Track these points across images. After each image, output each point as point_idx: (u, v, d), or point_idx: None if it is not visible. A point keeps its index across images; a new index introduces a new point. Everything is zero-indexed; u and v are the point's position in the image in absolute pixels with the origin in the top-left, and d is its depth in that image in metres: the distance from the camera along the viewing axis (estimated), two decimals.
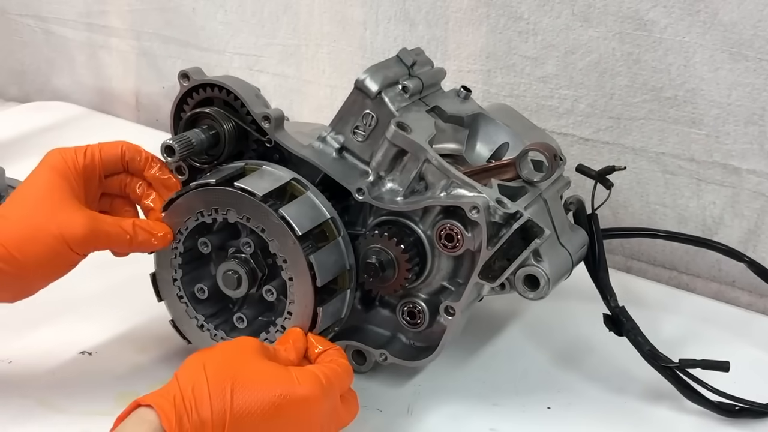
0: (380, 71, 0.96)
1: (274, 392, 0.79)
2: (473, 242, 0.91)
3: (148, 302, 1.02)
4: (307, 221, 0.92)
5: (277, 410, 0.78)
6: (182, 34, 1.70)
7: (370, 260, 0.94)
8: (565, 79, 1.29)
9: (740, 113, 1.17)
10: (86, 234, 0.91)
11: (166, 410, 0.74)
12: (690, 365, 0.95)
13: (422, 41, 1.38)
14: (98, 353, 1.05)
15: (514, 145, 1.02)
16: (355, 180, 0.95)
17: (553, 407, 1.00)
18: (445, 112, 1.01)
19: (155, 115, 1.80)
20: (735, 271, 1.25)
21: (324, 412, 0.82)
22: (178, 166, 1.00)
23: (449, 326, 0.95)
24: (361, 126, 0.96)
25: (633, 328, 0.98)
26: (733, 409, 0.97)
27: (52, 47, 1.91)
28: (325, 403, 0.82)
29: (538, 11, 1.28)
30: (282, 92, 1.60)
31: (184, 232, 0.95)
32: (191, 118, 0.99)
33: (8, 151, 1.56)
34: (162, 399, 0.75)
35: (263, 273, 0.96)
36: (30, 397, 0.97)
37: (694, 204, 1.25)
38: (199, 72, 0.98)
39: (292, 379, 0.81)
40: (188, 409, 0.75)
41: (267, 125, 0.96)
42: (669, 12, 1.18)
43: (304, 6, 1.53)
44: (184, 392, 0.76)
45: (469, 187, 0.91)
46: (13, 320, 1.04)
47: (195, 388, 0.76)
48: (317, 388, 0.81)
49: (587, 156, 1.28)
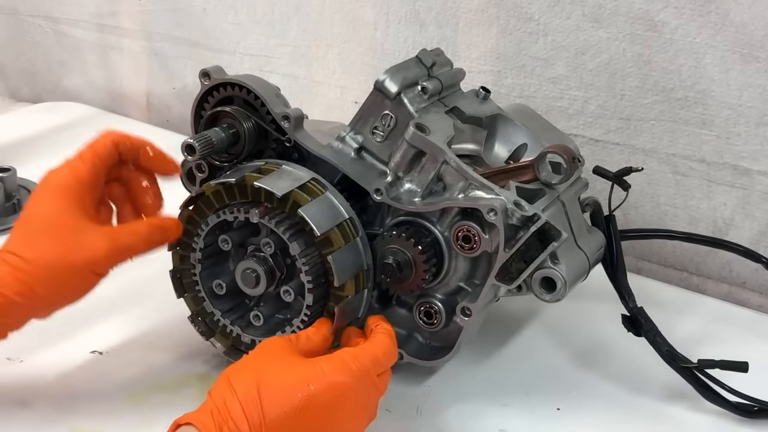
0: (400, 72, 0.97)
1: (302, 392, 0.80)
2: (490, 244, 0.92)
3: (160, 303, 1.03)
4: (326, 221, 0.92)
5: (309, 405, 0.79)
6: (193, 35, 1.71)
7: (387, 260, 0.94)
8: (575, 80, 1.29)
9: (751, 114, 1.18)
10: (108, 254, 0.90)
11: (206, 424, 0.76)
12: (709, 365, 0.95)
13: (432, 42, 1.39)
14: (109, 353, 1.06)
15: (533, 146, 1.02)
16: (373, 180, 0.96)
17: (563, 408, 1.00)
18: (464, 113, 1.01)
19: (166, 116, 1.81)
20: (746, 272, 1.25)
21: (359, 392, 0.83)
22: (198, 164, 1.01)
23: (465, 327, 0.95)
24: (380, 126, 0.97)
25: (651, 328, 0.99)
26: (752, 409, 0.97)
27: (63, 48, 1.91)
28: (357, 385, 0.83)
29: (549, 12, 1.28)
30: (292, 93, 1.58)
31: (205, 228, 0.96)
32: (211, 116, 0.99)
33: (20, 152, 1.57)
34: (200, 414, 0.78)
35: (282, 273, 0.97)
36: (41, 396, 0.97)
37: (705, 205, 1.26)
38: (219, 71, 0.99)
39: (318, 373, 0.81)
40: (225, 420, 0.77)
41: (287, 124, 0.97)
42: (680, 13, 1.18)
43: (314, 7, 1.53)
44: (220, 407, 0.78)
45: (487, 189, 0.92)
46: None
47: (227, 401, 0.78)
48: (346, 374, 0.82)
49: (597, 157, 1.29)
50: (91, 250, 0.89)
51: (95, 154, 0.94)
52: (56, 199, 0.91)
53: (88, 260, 0.89)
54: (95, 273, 0.91)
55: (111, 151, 0.95)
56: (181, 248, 0.99)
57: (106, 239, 0.90)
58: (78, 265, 0.89)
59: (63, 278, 0.88)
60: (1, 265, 0.87)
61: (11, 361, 1.02)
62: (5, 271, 0.87)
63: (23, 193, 1.39)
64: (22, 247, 0.88)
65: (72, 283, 0.90)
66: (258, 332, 0.99)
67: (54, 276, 0.88)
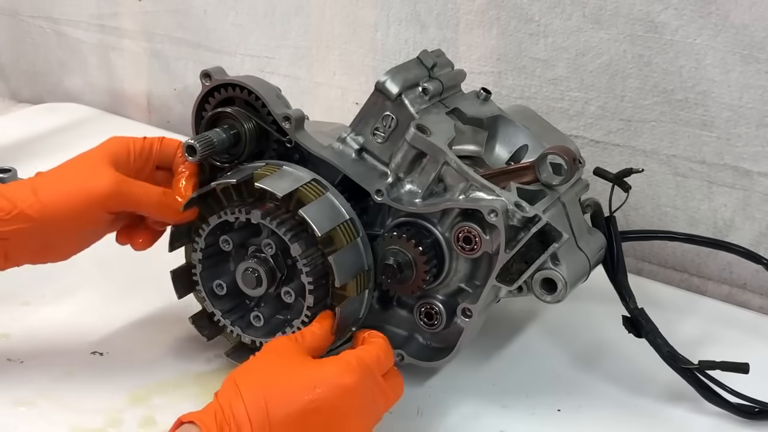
0: (401, 73, 0.97)
1: (308, 395, 0.80)
2: (491, 245, 0.92)
3: (160, 302, 1.03)
4: (327, 222, 0.92)
5: (316, 408, 0.80)
6: (194, 36, 1.71)
7: (388, 261, 0.94)
8: (575, 81, 1.29)
9: (752, 116, 1.18)
10: (112, 190, 0.94)
11: (208, 424, 0.77)
12: (709, 367, 0.95)
13: (433, 43, 1.39)
14: (109, 353, 1.06)
15: (534, 147, 1.02)
16: (374, 181, 0.96)
17: (563, 409, 1.00)
18: (464, 114, 1.02)
19: (167, 117, 1.81)
20: (746, 273, 1.25)
21: (365, 393, 0.84)
22: (200, 165, 1.01)
23: (466, 328, 0.96)
24: (380, 127, 0.97)
25: (652, 329, 0.99)
26: (753, 410, 0.97)
27: (64, 49, 1.91)
28: (362, 385, 0.83)
29: (549, 13, 1.28)
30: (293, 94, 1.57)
31: (206, 228, 0.96)
32: (212, 117, 0.99)
33: (20, 152, 1.57)
34: (203, 414, 0.78)
35: (282, 274, 0.97)
36: (41, 396, 0.97)
37: (706, 206, 1.25)
38: (220, 72, 0.99)
39: (325, 375, 0.82)
40: (228, 421, 0.77)
41: (287, 125, 0.97)
42: (680, 14, 1.18)
43: (315, 8, 1.53)
44: (224, 408, 0.78)
45: (487, 190, 0.92)
46: (24, 321, 1.05)
47: (232, 403, 0.79)
48: (351, 374, 0.83)
49: (598, 158, 1.29)
50: (99, 180, 0.94)
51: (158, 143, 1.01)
52: (99, 151, 0.98)
53: (93, 188, 0.93)
54: (98, 206, 0.94)
55: (170, 153, 1.01)
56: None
57: (114, 177, 0.95)
58: (77, 186, 0.93)
59: (71, 202, 0.93)
60: (28, 181, 0.95)
61: (11, 362, 1.02)
62: (26, 185, 0.94)
63: None
64: (49, 172, 0.97)
65: (72, 205, 0.93)
66: (258, 333, 0.99)
67: (64, 198, 0.93)
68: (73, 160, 0.98)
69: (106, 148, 0.98)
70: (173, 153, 1.01)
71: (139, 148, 0.99)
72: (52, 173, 0.96)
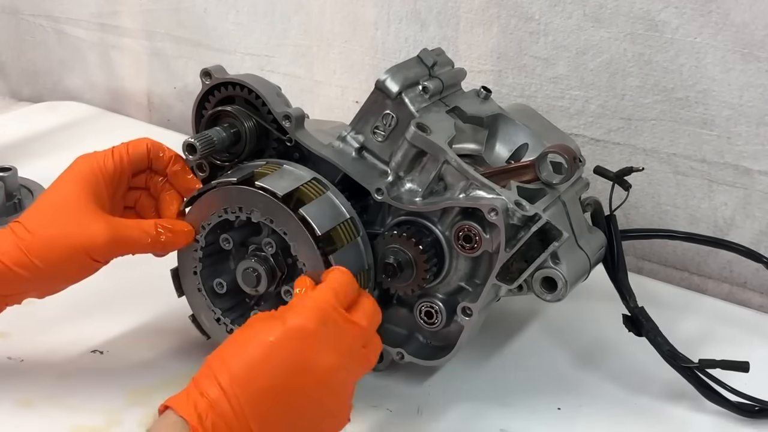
0: (401, 72, 0.97)
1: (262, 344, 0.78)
2: (491, 244, 0.92)
3: (159, 301, 1.03)
4: (327, 221, 0.92)
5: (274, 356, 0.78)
6: (194, 35, 1.71)
7: (388, 260, 0.94)
8: (576, 79, 1.29)
9: (752, 114, 1.18)
10: (107, 242, 0.91)
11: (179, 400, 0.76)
12: (710, 365, 0.95)
13: (433, 42, 1.39)
14: (109, 352, 1.06)
15: (534, 146, 1.02)
16: (374, 180, 0.96)
17: (564, 408, 1.00)
18: (465, 112, 1.02)
19: (167, 115, 1.81)
20: (747, 272, 1.25)
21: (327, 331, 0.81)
22: (200, 163, 1.01)
23: (466, 326, 0.95)
24: (381, 126, 0.97)
25: (652, 328, 0.99)
26: (753, 409, 0.97)
27: (64, 47, 1.91)
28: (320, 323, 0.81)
29: (550, 12, 1.28)
30: (293, 92, 1.57)
31: (207, 227, 0.96)
32: (212, 116, 0.99)
33: (21, 151, 1.57)
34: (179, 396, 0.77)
35: (283, 272, 0.97)
36: (41, 395, 0.97)
37: (706, 205, 1.26)
38: (220, 70, 0.99)
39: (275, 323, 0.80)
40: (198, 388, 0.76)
41: (288, 124, 0.97)
42: (680, 13, 1.18)
43: (315, 6, 1.53)
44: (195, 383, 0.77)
45: (487, 189, 0.92)
46: (24, 320, 1.05)
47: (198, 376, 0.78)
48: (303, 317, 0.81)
49: (598, 157, 1.29)
50: (92, 234, 0.91)
51: (125, 152, 0.98)
52: (74, 182, 0.94)
53: (87, 243, 0.91)
54: (92, 258, 0.92)
55: (141, 155, 0.99)
56: None
57: (108, 227, 0.92)
58: (76, 246, 0.91)
59: (61, 256, 0.90)
60: (8, 233, 0.91)
61: (11, 361, 1.02)
62: (10, 239, 0.90)
63: (24, 193, 1.39)
64: (29, 219, 0.92)
65: (69, 262, 0.91)
66: None
67: (52, 252, 0.90)
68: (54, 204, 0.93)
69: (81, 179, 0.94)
70: (144, 153, 0.98)
71: (111, 168, 0.96)
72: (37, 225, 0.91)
